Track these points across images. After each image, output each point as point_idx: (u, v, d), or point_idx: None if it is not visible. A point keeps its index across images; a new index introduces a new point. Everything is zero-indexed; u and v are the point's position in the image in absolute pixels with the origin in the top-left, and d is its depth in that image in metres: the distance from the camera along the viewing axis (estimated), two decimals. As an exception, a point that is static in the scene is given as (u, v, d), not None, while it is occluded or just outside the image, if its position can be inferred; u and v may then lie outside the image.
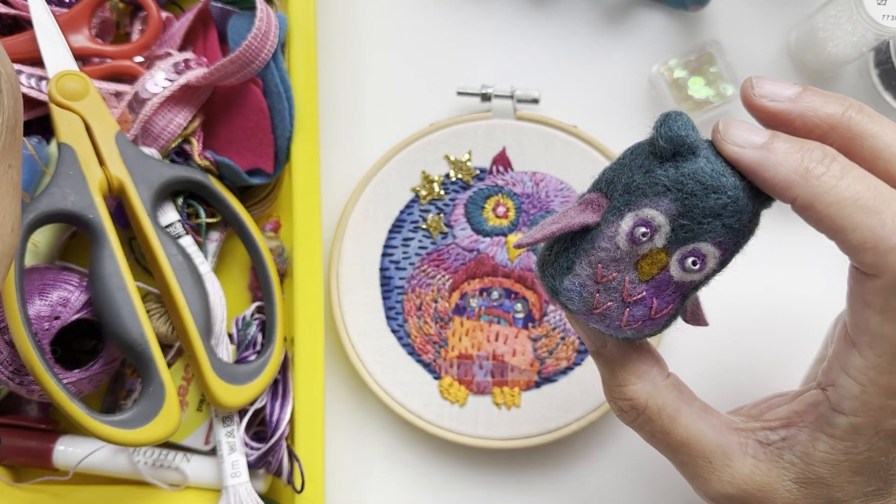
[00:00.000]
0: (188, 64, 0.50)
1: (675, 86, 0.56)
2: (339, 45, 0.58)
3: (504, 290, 0.55)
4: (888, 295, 0.30)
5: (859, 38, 0.51)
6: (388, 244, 0.55)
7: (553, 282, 0.33)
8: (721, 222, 0.30)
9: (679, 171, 0.30)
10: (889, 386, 0.31)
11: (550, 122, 0.55)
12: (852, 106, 0.32)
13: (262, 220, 0.54)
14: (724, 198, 0.30)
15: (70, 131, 0.48)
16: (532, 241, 0.32)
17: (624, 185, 0.31)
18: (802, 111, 0.32)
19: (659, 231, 0.31)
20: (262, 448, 0.50)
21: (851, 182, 0.30)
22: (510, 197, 0.55)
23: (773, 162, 0.30)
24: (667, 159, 0.30)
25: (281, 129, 0.51)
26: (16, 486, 0.52)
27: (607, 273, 0.32)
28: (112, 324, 0.46)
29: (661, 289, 0.32)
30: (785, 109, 0.32)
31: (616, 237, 0.31)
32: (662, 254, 0.31)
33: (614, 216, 0.31)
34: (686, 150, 0.30)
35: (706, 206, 0.30)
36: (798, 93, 0.32)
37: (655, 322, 0.33)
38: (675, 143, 0.30)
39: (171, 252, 0.48)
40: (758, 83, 0.32)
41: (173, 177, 0.50)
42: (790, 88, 0.32)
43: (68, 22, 0.51)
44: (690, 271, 0.31)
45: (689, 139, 0.30)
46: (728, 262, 0.32)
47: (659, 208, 0.30)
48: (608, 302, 0.32)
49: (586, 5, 0.58)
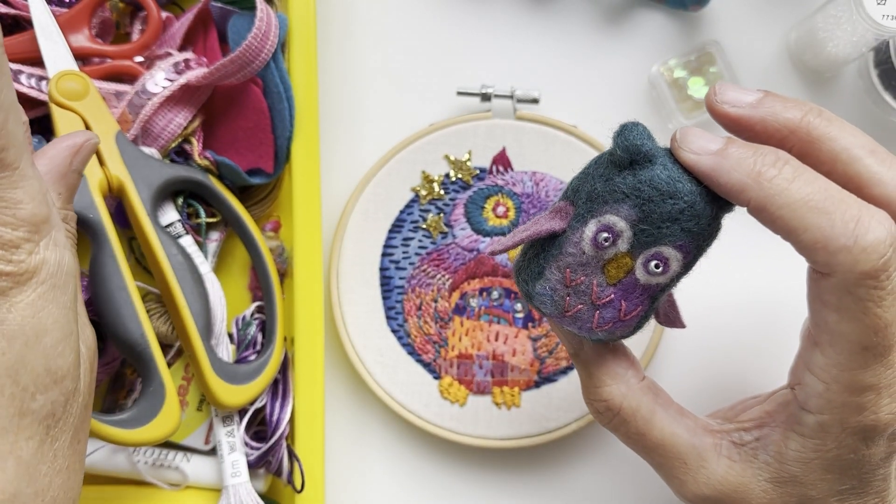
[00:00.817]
0: (188, 64, 0.50)
1: (674, 86, 0.56)
2: (339, 45, 0.58)
3: (504, 290, 0.55)
4: (842, 293, 0.30)
5: (859, 37, 0.51)
6: (388, 244, 0.55)
7: (526, 286, 0.35)
8: (680, 226, 0.32)
9: (636, 178, 0.31)
10: (851, 382, 0.32)
11: (550, 122, 0.55)
12: (811, 111, 0.33)
13: (262, 219, 0.54)
14: (680, 203, 0.31)
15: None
16: (503, 248, 0.33)
17: (587, 192, 0.32)
18: (763, 116, 0.33)
19: (621, 236, 0.32)
20: (263, 448, 0.50)
21: (803, 184, 0.30)
22: (510, 197, 0.55)
23: (727, 167, 0.31)
24: (625, 167, 0.32)
25: (281, 129, 0.51)
26: (16, 486, 0.52)
27: (576, 277, 0.33)
28: (112, 323, 0.46)
29: (629, 291, 0.33)
30: (746, 115, 0.33)
31: (581, 243, 0.32)
32: (627, 258, 0.32)
33: (579, 223, 0.32)
34: (642, 158, 0.31)
35: (663, 211, 0.31)
36: (759, 98, 0.33)
37: (626, 323, 0.34)
38: (632, 151, 0.31)
39: (172, 252, 0.48)
40: (721, 89, 0.34)
41: (173, 177, 0.50)
42: (752, 94, 0.33)
43: (68, 22, 0.51)
44: (654, 274, 0.33)
45: (645, 148, 0.31)
46: (692, 264, 0.34)
47: (620, 214, 0.32)
48: (578, 305, 0.33)
49: (586, 5, 0.58)
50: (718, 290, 0.56)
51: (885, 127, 0.58)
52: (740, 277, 0.56)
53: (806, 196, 0.30)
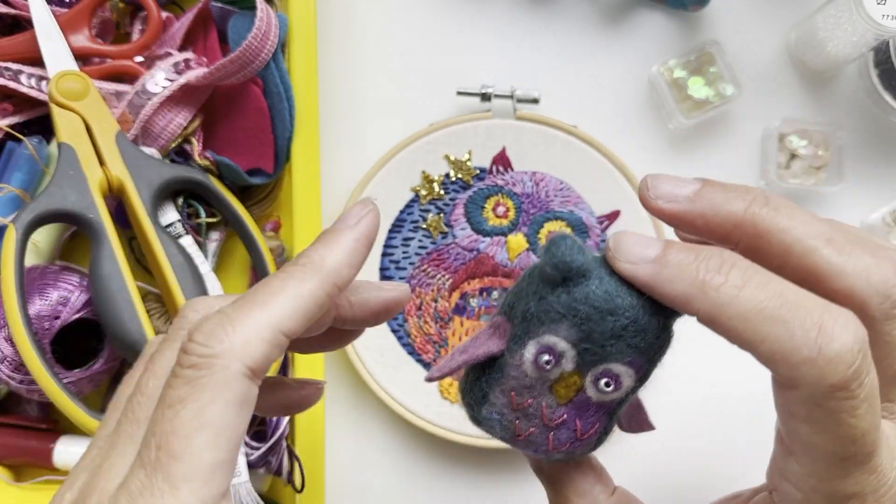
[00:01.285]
0: (188, 64, 0.50)
1: (674, 86, 0.56)
2: (339, 45, 0.58)
3: (504, 290, 0.55)
4: (810, 406, 0.27)
5: (859, 37, 0.51)
6: (388, 244, 0.55)
7: (472, 411, 0.32)
8: (625, 343, 0.29)
9: (571, 296, 0.29)
10: (831, 493, 0.29)
11: (550, 122, 0.55)
12: (756, 200, 0.29)
13: (263, 219, 0.54)
14: (621, 319, 0.29)
15: (70, 131, 0.48)
16: (441, 375, 0.30)
17: (522, 311, 0.30)
18: (703, 211, 0.30)
19: (564, 356, 0.30)
20: (263, 448, 0.50)
21: (754, 290, 0.27)
22: (510, 197, 0.55)
23: (668, 276, 0.28)
24: (558, 285, 0.29)
25: (281, 129, 0.51)
26: (16, 486, 0.52)
27: (522, 400, 0.31)
28: (112, 323, 0.46)
29: (583, 409, 0.31)
30: (683, 210, 0.30)
31: (522, 366, 0.30)
32: (575, 376, 0.30)
33: (517, 345, 0.30)
34: (575, 274, 0.29)
35: (605, 329, 0.29)
36: (696, 191, 0.30)
37: (584, 442, 0.32)
38: (562, 269, 0.29)
39: (172, 252, 0.48)
40: (653, 183, 0.30)
41: (173, 177, 0.50)
42: (688, 186, 0.30)
43: (68, 22, 0.51)
44: (606, 392, 0.30)
45: (576, 263, 0.29)
46: (647, 376, 0.31)
47: (559, 334, 0.29)
48: (530, 428, 0.31)
49: (586, 5, 0.58)
50: (685, 384, 0.56)
51: (885, 127, 0.58)
52: (706, 371, 0.56)
53: (759, 303, 0.27)
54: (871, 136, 0.58)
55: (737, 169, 0.58)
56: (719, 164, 0.58)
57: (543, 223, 0.56)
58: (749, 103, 0.58)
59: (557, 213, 0.55)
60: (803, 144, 0.56)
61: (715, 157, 0.58)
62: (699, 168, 0.58)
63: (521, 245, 0.55)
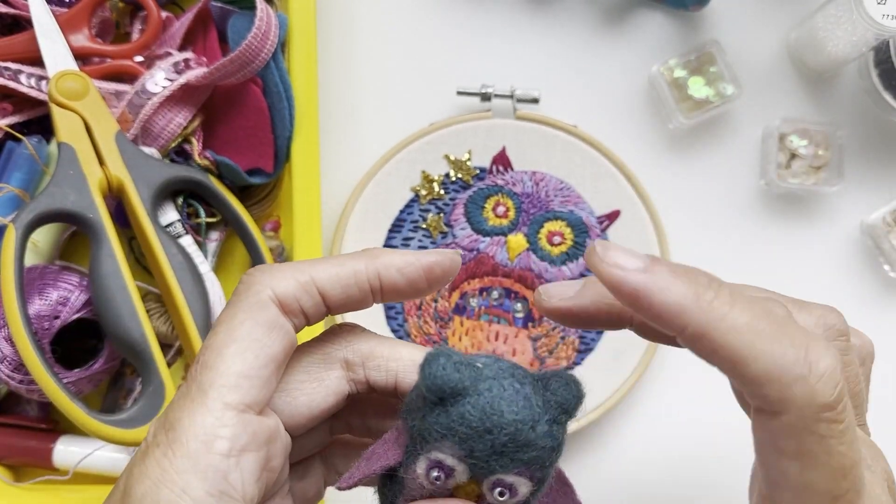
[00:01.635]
0: (188, 63, 0.50)
1: (674, 86, 0.56)
2: (339, 45, 0.58)
3: (504, 290, 0.55)
4: (800, 434, 0.26)
5: (859, 37, 0.51)
6: (388, 244, 0.55)
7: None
8: (509, 458, 0.28)
9: (448, 416, 0.28)
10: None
11: (550, 121, 0.55)
12: (704, 286, 0.27)
13: (262, 219, 0.54)
14: (500, 437, 0.28)
15: (70, 131, 0.48)
16: (349, 485, 0.30)
17: (410, 427, 0.30)
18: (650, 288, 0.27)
19: (455, 469, 0.29)
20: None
21: (745, 307, 0.26)
22: (510, 196, 0.55)
23: (660, 286, 0.26)
24: (436, 404, 0.29)
25: (281, 129, 0.51)
26: (16, 486, 0.52)
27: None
28: (112, 323, 0.46)
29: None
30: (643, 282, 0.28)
31: (418, 479, 0.30)
32: (472, 484, 0.29)
33: (410, 458, 0.30)
34: (449, 394, 0.28)
35: (485, 447, 0.28)
36: (646, 264, 0.28)
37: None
38: (435, 391, 0.28)
39: (171, 252, 0.48)
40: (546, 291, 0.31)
41: (173, 176, 0.50)
42: (637, 259, 0.28)
43: (68, 21, 0.51)
44: (504, 500, 0.29)
45: (450, 383, 0.28)
46: (545, 480, 0.30)
47: (445, 451, 0.29)
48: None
49: (586, 5, 0.58)
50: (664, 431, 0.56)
51: (885, 127, 0.58)
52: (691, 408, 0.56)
53: (750, 320, 0.26)
54: (871, 136, 0.58)
55: (737, 169, 0.58)
56: (719, 164, 0.58)
57: (543, 223, 0.56)
58: (749, 103, 0.58)
59: (557, 212, 0.55)
60: (803, 144, 0.56)
61: (715, 156, 0.58)
62: (699, 168, 0.58)
63: (521, 245, 0.55)
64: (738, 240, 0.58)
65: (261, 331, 0.28)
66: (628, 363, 0.55)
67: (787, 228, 0.58)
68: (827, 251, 0.58)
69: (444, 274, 0.30)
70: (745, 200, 0.58)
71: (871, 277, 0.58)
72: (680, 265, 0.28)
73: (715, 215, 0.58)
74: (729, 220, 0.58)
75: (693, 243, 0.58)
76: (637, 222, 0.55)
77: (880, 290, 0.58)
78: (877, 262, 0.58)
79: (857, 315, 0.58)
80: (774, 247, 0.58)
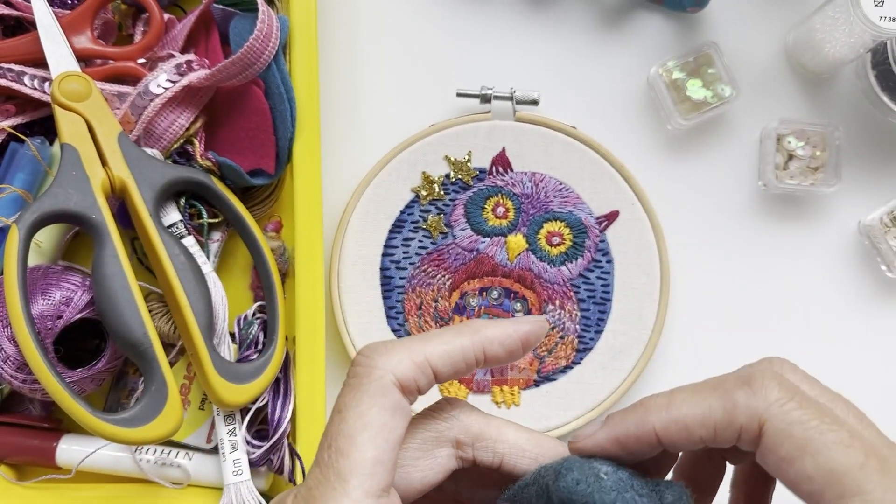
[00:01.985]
0: (190, 65, 0.50)
1: (673, 87, 0.56)
2: (340, 47, 0.58)
3: (504, 290, 0.55)
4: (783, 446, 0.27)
5: (857, 39, 0.51)
6: (389, 244, 0.56)
7: None
8: None
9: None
10: None
11: (550, 123, 0.56)
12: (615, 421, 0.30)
13: (264, 220, 0.55)
14: None
15: (73, 132, 0.48)
16: None
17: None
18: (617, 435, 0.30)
19: None
20: (264, 446, 0.50)
21: (679, 396, 0.28)
22: (510, 197, 0.56)
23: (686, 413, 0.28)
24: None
25: (282, 130, 0.51)
26: (19, 485, 0.52)
27: None
28: (115, 323, 0.47)
29: None
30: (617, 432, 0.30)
31: None
32: None
33: None
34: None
35: None
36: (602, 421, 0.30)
37: None
38: (567, 503, 0.28)
39: (174, 252, 0.49)
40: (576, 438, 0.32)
41: (175, 177, 0.50)
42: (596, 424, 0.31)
43: (71, 23, 0.51)
44: None
45: (584, 499, 0.28)
46: None
47: None
48: None
49: (585, 7, 0.59)
50: None
51: (882, 128, 0.58)
52: None
53: (683, 392, 0.28)
54: (868, 137, 0.58)
55: (734, 170, 0.58)
56: (717, 165, 0.58)
57: (543, 223, 0.56)
58: (747, 104, 0.58)
59: (557, 213, 0.56)
60: (801, 145, 0.56)
61: (713, 157, 0.58)
62: (697, 169, 0.58)
63: (521, 245, 0.56)
64: (736, 240, 0.58)
65: (387, 415, 0.28)
66: (627, 362, 0.55)
67: (785, 229, 0.58)
68: (824, 252, 0.58)
69: (536, 341, 0.32)
70: (743, 201, 0.58)
71: (869, 278, 0.58)
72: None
73: (713, 216, 0.58)
74: (727, 221, 0.58)
75: (691, 244, 0.58)
76: (635, 223, 0.55)
77: (877, 291, 0.58)
78: (874, 263, 0.58)
79: (853, 315, 0.58)
80: (772, 247, 0.58)
